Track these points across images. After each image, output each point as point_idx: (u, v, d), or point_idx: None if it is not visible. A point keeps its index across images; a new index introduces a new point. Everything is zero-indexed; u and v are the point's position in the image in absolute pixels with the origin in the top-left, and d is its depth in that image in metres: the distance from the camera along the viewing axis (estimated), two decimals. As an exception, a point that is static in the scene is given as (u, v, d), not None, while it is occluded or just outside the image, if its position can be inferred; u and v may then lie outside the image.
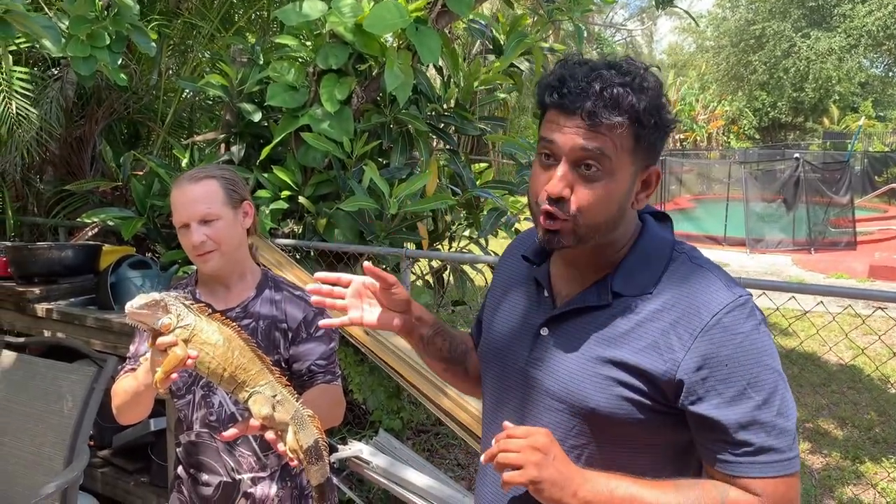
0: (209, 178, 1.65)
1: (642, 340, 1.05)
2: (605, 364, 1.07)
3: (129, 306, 1.24)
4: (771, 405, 1.00)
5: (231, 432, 1.32)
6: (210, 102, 5.36)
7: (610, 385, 1.06)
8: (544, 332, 1.16)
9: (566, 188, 1.04)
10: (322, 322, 1.26)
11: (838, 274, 9.78)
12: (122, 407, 1.58)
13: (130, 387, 1.50)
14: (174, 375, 1.27)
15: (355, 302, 1.24)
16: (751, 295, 1.07)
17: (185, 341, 1.27)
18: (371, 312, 1.23)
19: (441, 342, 1.32)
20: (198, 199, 1.62)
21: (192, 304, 1.32)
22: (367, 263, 1.17)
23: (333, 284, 1.24)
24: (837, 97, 30.85)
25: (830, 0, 28.67)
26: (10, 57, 3.95)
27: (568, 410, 1.10)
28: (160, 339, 1.26)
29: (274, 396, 1.31)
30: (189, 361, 1.25)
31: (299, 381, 1.67)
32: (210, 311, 1.33)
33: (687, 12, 5.32)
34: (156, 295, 1.26)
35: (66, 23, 2.85)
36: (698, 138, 30.85)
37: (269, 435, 1.30)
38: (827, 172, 12.93)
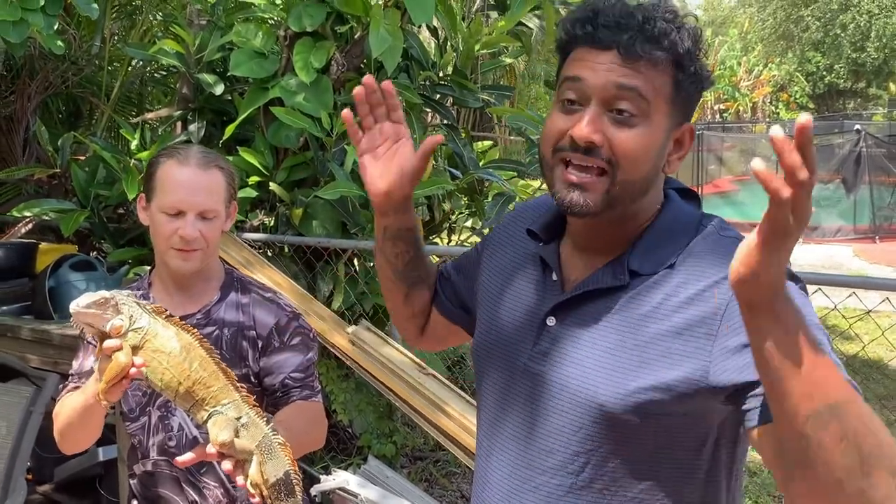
0: (218, 168, 1.68)
1: (668, 318, 1.05)
2: (621, 353, 1.07)
3: (75, 305, 1.25)
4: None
5: (188, 457, 1.33)
6: (163, 73, 5.37)
7: (626, 377, 1.06)
8: (551, 321, 1.16)
9: (596, 133, 1.03)
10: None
11: (908, 266, 9.81)
12: (67, 429, 1.58)
13: (77, 403, 1.49)
14: (124, 382, 1.27)
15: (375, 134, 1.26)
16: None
17: (135, 347, 1.27)
18: (379, 160, 1.26)
19: (404, 249, 1.34)
20: (204, 189, 1.64)
21: (148, 305, 1.32)
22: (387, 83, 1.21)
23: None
24: (905, 58, 30.86)
25: (896, -57, 28.73)
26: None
27: (575, 411, 1.10)
28: (106, 344, 1.27)
29: (238, 419, 1.31)
30: (133, 370, 1.26)
31: (272, 399, 1.69)
32: (168, 313, 1.34)
33: (726, -41, 5.33)
34: (105, 293, 1.28)
35: (-8, -19, 2.86)
36: (741, 108, 30.88)
37: (227, 465, 1.29)
38: (894, 147, 12.96)
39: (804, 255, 10.82)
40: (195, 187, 1.63)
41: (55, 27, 3.05)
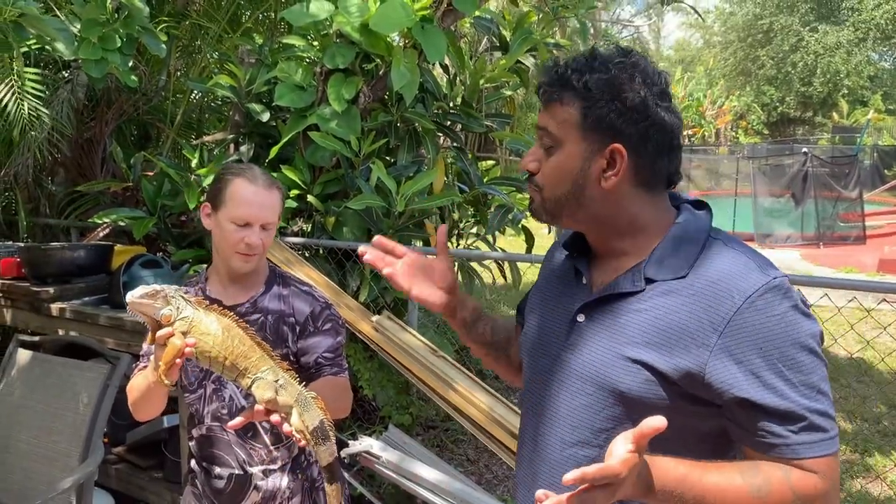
0: (277, 189, 1.73)
1: (675, 327, 1.05)
2: (636, 350, 1.08)
3: (130, 296, 1.26)
4: (811, 386, 1.01)
5: (237, 420, 1.34)
6: (219, 103, 5.40)
7: (640, 370, 1.07)
8: (580, 318, 1.17)
9: (532, 162, 1.15)
10: (366, 256, 1.30)
11: (847, 268, 9.74)
12: (137, 403, 1.61)
13: (142, 384, 1.52)
14: (178, 361, 1.28)
15: (407, 271, 1.30)
16: (786, 277, 1.05)
17: (184, 333, 1.28)
18: (419, 286, 1.29)
19: (483, 327, 1.36)
20: (270, 206, 1.69)
21: (191, 297, 1.33)
22: (441, 229, 1.29)
23: (387, 252, 1.32)
24: (846, 91, 30.69)
25: (838, -7, 28.61)
26: (22, 59, 3.99)
27: (598, 394, 1.12)
28: (159, 333, 1.28)
29: (276, 381, 1.33)
30: (188, 350, 1.27)
31: (307, 374, 1.70)
32: (207, 303, 1.35)
33: (693, 8, 5.32)
34: (156, 286, 1.29)
35: (78, 26, 2.89)
36: (706, 134, 30.70)
37: (275, 417, 1.32)
38: (836, 167, 12.88)
39: (759, 258, 10.75)
40: (262, 204, 1.67)
41: (130, 64, 3.07)
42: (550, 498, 0.94)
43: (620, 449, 0.90)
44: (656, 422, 0.88)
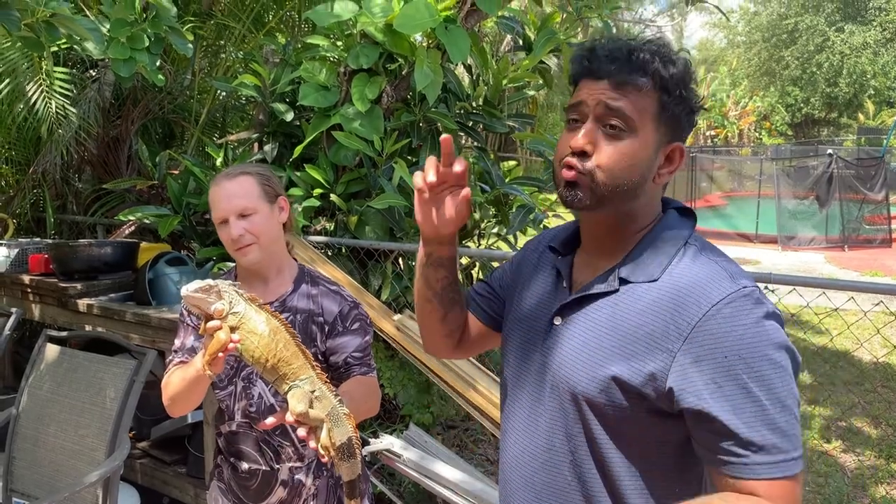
0: (244, 174, 1.71)
1: (642, 330, 1.04)
2: (603, 354, 1.07)
3: (185, 290, 1.28)
4: (774, 402, 0.95)
5: (269, 421, 1.35)
6: (243, 102, 5.45)
7: (607, 381, 1.05)
8: (557, 321, 1.16)
9: (589, 143, 1.06)
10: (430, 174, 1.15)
11: (873, 272, 9.63)
12: (177, 396, 1.61)
13: (187, 374, 1.53)
14: (221, 355, 1.30)
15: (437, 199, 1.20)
16: (758, 287, 1.03)
17: (233, 328, 1.30)
18: (432, 200, 1.20)
19: (444, 273, 1.30)
20: (235, 194, 1.68)
21: (245, 294, 1.35)
22: (445, 137, 1.14)
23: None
24: (873, 92, 30.30)
25: (865, -7, 28.26)
26: (52, 58, 4.06)
27: (566, 398, 1.11)
28: (209, 324, 1.30)
29: (312, 392, 1.33)
30: (231, 345, 1.29)
31: (336, 374, 1.72)
32: (260, 301, 1.37)
33: (717, 7, 5.29)
34: (210, 281, 1.30)
35: (107, 26, 2.94)
36: (729, 135, 30.50)
37: (301, 432, 1.31)
38: (861, 169, 12.75)
39: (783, 261, 10.68)
40: (226, 195, 1.68)
41: (157, 64, 3.12)
42: None
43: None
44: None
